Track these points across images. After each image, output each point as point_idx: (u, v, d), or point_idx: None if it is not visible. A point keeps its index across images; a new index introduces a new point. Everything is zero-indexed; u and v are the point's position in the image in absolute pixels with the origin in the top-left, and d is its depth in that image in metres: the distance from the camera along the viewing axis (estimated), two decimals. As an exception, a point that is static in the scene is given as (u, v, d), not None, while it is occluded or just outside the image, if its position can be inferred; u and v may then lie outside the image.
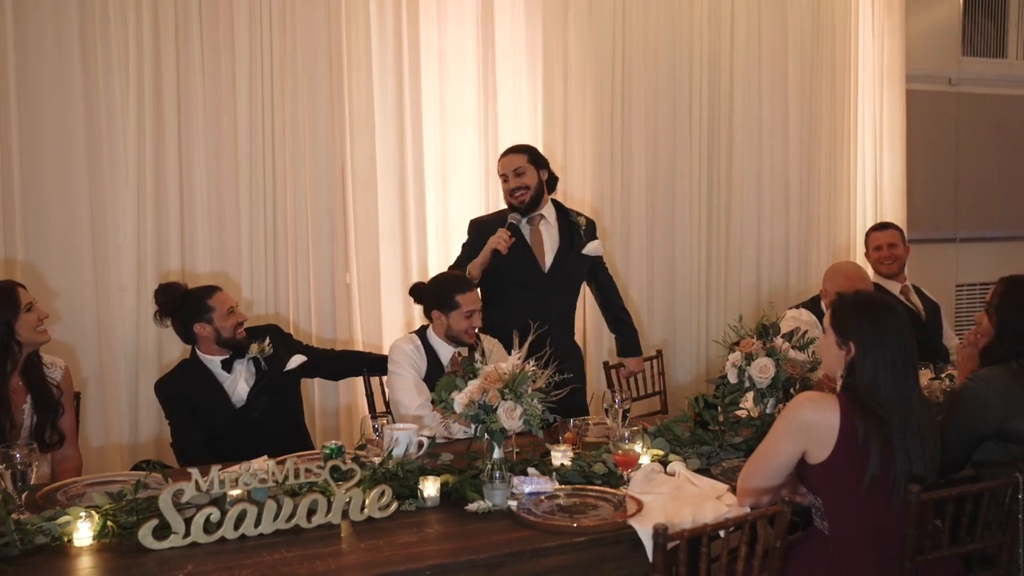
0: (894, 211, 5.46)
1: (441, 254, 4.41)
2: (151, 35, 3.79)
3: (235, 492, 2.31)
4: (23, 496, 2.34)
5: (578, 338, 4.15)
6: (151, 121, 3.80)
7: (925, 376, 3.51)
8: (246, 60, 3.95)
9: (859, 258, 5.26)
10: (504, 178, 3.77)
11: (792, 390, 3.06)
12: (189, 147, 3.89)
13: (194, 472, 2.23)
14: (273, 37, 3.99)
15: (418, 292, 3.54)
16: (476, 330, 3.37)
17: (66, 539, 2.21)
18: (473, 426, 2.54)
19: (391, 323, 4.28)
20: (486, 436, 2.52)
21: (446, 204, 4.45)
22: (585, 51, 4.64)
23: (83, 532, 2.22)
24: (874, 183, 5.49)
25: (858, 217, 5.45)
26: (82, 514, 2.24)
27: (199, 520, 2.21)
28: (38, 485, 2.57)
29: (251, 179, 3.98)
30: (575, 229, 3.81)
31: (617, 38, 4.71)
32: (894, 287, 4.54)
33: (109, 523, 2.25)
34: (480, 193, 4.49)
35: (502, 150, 4.37)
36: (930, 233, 5.95)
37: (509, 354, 2.65)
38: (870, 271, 4.83)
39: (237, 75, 3.95)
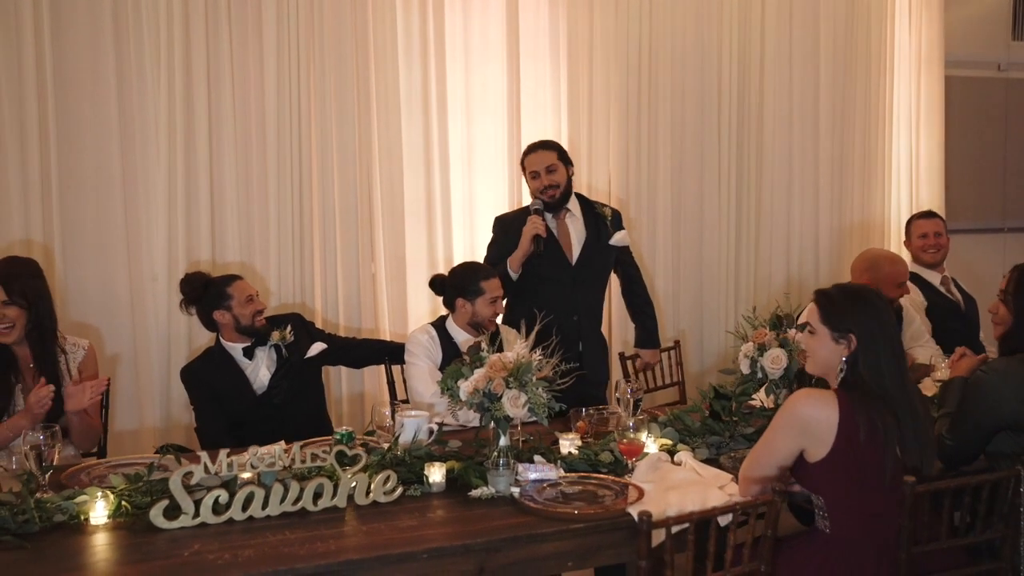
0: (931, 200, 5.36)
1: (467, 244, 4.46)
2: (181, 29, 3.88)
3: (246, 475, 2.39)
4: (47, 476, 2.45)
5: (603, 329, 4.16)
6: (182, 114, 3.91)
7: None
8: (273, 57, 4.03)
9: (893, 248, 5.18)
10: (534, 175, 3.76)
11: (812, 381, 3.04)
12: (219, 140, 3.99)
13: (203, 455, 2.32)
14: (300, 30, 4.06)
15: (439, 284, 3.57)
16: (498, 316, 3.42)
17: (83, 517, 2.31)
18: (479, 413, 2.59)
19: (417, 312, 4.34)
20: (492, 424, 2.57)
21: (472, 194, 4.49)
22: (610, 36, 4.63)
23: (99, 511, 2.32)
24: (910, 171, 5.39)
25: (892, 206, 5.36)
26: (99, 494, 2.34)
27: (208, 501, 2.29)
28: (63, 466, 2.68)
29: (279, 171, 4.06)
30: (601, 221, 3.82)
31: (644, 23, 4.69)
32: (934, 277, 4.48)
33: (124, 503, 2.34)
34: (505, 183, 4.52)
35: (527, 137, 4.41)
36: (976, 223, 5.82)
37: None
38: (906, 260, 4.76)
39: (265, 71, 4.03)
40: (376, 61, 4.23)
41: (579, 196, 3.89)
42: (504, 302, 3.74)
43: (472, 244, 4.44)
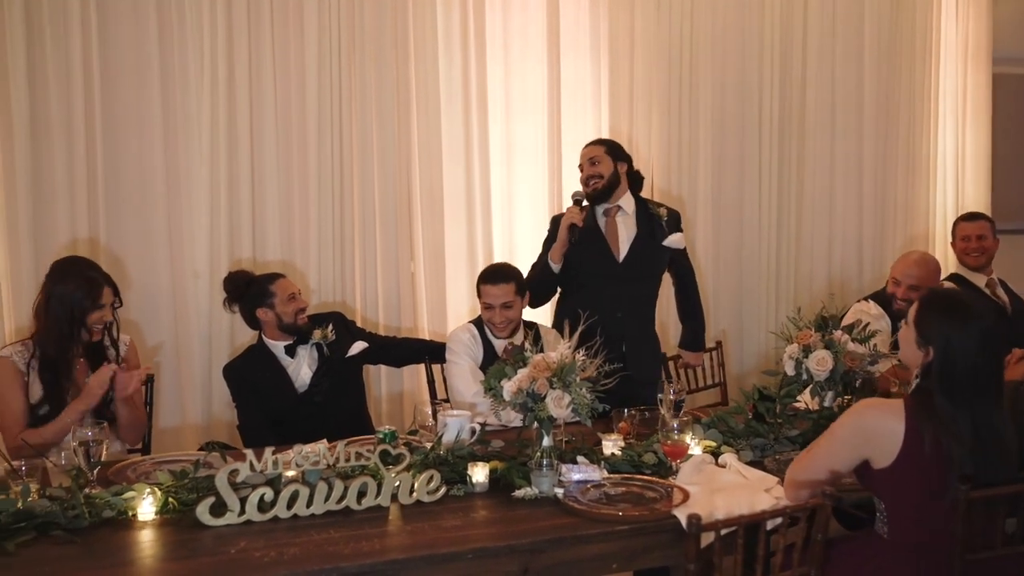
0: (977, 201, 5.26)
1: (506, 241, 4.46)
2: (224, 31, 3.92)
3: (290, 473, 2.40)
4: (95, 471, 2.48)
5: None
6: (224, 113, 3.94)
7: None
8: (315, 57, 4.05)
9: (938, 249, 5.10)
10: (580, 167, 3.78)
11: (857, 383, 3.00)
12: (260, 139, 4.02)
13: (248, 453, 2.33)
14: (341, 29, 4.08)
15: None
16: (502, 325, 3.39)
17: (131, 513, 2.33)
18: (523, 414, 2.57)
19: (456, 311, 4.34)
20: (535, 424, 2.56)
21: (511, 190, 4.49)
22: (652, 32, 4.61)
23: (146, 507, 2.34)
24: (955, 171, 5.29)
25: (938, 207, 5.27)
26: (146, 490, 2.37)
27: (253, 499, 2.30)
28: (110, 462, 2.71)
29: (319, 170, 4.09)
30: (655, 221, 3.77)
31: (685, 19, 4.66)
32: (980, 280, 4.40)
33: (171, 500, 2.36)
34: (545, 179, 4.50)
35: (567, 133, 4.44)
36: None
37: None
38: (950, 262, 4.68)
39: (306, 71, 4.05)
40: (416, 58, 4.23)
41: (637, 196, 3.84)
42: (544, 298, 3.75)
43: (512, 241, 4.44)
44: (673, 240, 3.78)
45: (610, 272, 3.70)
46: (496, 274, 3.44)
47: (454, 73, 4.31)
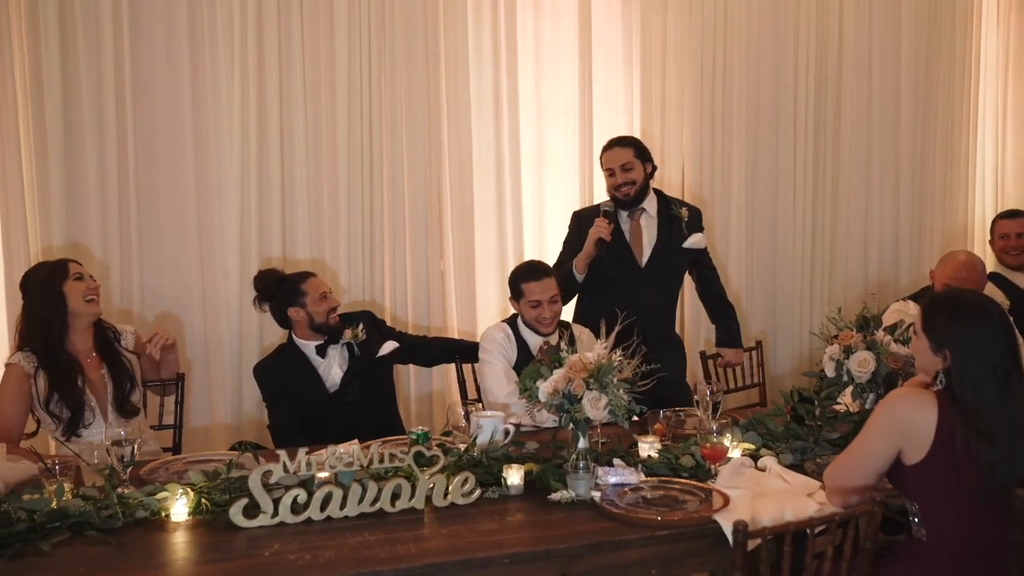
0: (1019, 198, 5.15)
1: (536, 241, 4.42)
2: (255, 33, 3.90)
3: (323, 475, 2.37)
4: (128, 471, 2.46)
5: (676, 329, 4.07)
6: (255, 115, 3.92)
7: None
8: (345, 56, 4.03)
9: (977, 248, 5.00)
10: (610, 172, 3.70)
11: (901, 382, 2.94)
12: (290, 139, 4.00)
13: (282, 454, 2.30)
14: (372, 29, 4.06)
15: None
16: (551, 320, 3.36)
17: (164, 514, 2.31)
18: (558, 415, 2.53)
19: (485, 310, 4.31)
20: (571, 426, 2.51)
21: (542, 190, 4.45)
22: (684, 34, 4.55)
23: (179, 508, 2.32)
24: (995, 167, 5.20)
25: (976, 204, 5.17)
26: (179, 491, 2.34)
27: (287, 501, 2.27)
28: (142, 461, 2.70)
29: (349, 169, 4.06)
30: (676, 222, 3.73)
31: (719, 21, 4.60)
32: (1020, 279, 4.33)
33: (204, 500, 2.34)
34: (576, 182, 4.46)
35: (599, 136, 4.36)
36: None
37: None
38: (989, 261, 4.59)
39: (336, 69, 4.03)
40: (447, 60, 4.21)
41: (659, 193, 3.81)
42: (564, 302, 3.70)
43: (542, 241, 4.40)
44: (693, 241, 3.74)
45: (632, 276, 3.67)
46: (537, 270, 3.42)
47: (485, 75, 4.28)
